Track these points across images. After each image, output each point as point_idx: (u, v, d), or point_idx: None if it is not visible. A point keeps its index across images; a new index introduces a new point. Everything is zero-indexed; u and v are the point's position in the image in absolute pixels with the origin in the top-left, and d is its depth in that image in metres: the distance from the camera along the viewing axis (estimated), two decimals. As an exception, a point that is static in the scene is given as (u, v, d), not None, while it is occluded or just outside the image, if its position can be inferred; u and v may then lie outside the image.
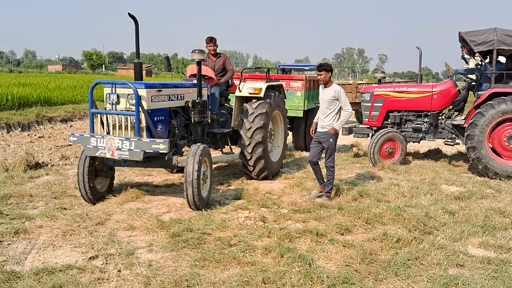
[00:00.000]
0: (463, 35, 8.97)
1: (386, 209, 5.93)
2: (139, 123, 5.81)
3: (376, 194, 6.89)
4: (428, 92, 9.78)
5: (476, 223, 5.63)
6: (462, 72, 10.39)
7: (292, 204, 6.48)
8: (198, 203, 5.88)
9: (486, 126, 8.47)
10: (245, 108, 7.75)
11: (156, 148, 5.63)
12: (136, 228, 5.30)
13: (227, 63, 8.27)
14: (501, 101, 8.41)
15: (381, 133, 9.53)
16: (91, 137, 5.84)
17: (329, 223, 5.53)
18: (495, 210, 6.16)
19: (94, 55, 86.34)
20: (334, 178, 6.74)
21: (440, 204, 6.47)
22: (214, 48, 8.12)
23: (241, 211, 5.93)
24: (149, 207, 6.20)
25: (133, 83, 5.81)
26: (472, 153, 8.58)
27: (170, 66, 7.48)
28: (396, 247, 4.76)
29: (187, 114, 7.02)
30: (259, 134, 7.54)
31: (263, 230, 5.21)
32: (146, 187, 7.35)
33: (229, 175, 8.34)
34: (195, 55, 6.57)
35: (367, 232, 5.31)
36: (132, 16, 6.24)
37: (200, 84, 6.79)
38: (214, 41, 8.08)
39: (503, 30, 8.59)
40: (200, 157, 5.86)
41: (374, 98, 10.14)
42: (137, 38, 6.40)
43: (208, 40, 8.07)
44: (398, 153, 9.62)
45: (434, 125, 9.85)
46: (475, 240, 5.05)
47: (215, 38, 8.14)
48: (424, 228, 5.36)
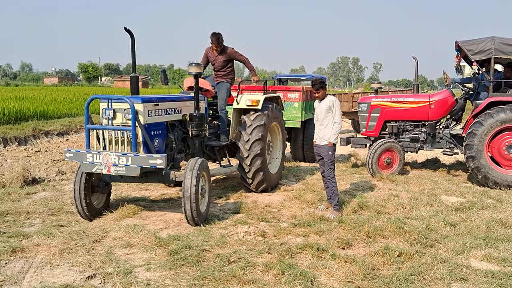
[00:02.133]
0: (459, 44, 8.98)
1: (387, 222, 5.86)
2: (135, 138, 5.74)
3: (376, 206, 6.83)
4: (426, 102, 9.78)
5: (478, 235, 5.56)
6: (459, 81, 10.39)
7: (292, 217, 6.41)
8: (196, 218, 5.79)
9: (485, 135, 8.44)
10: (243, 120, 7.71)
11: (153, 163, 5.56)
12: (133, 246, 5.21)
13: (235, 56, 8.11)
14: (500, 110, 8.39)
15: (379, 144, 9.50)
16: (87, 153, 5.76)
17: (329, 237, 5.46)
18: (496, 221, 6.11)
19: (90, 67, 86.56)
20: (337, 189, 6.70)
21: (440, 215, 6.41)
22: (216, 49, 7.99)
23: (240, 226, 5.85)
24: (147, 223, 6.11)
25: (129, 98, 5.75)
26: (471, 163, 8.54)
27: (166, 80, 7.43)
28: (398, 262, 4.69)
29: (185, 127, 6.95)
30: (258, 146, 7.48)
31: (263, 245, 5.13)
32: (143, 202, 7.27)
33: (228, 188, 8.27)
34: (192, 68, 6.53)
35: (368, 246, 5.23)
36: (128, 30, 6.19)
37: (198, 97, 6.74)
38: (215, 39, 7.85)
39: (500, 38, 8.60)
40: (198, 172, 5.79)
41: (371, 109, 10.13)
42: (133, 52, 6.36)
43: (211, 37, 7.92)
44: (397, 163, 9.58)
45: (432, 135, 9.83)
46: (477, 253, 4.98)
47: (217, 35, 7.86)
48: (425, 241, 5.30)
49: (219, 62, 8.07)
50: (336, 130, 6.57)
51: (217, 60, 8.07)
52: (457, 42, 9.09)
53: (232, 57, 8.10)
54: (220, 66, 8.10)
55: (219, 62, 8.07)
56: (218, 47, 7.93)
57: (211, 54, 8.11)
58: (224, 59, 8.05)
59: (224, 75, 8.13)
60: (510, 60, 8.76)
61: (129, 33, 6.22)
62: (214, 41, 7.87)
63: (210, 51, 8.13)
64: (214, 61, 8.11)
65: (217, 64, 8.11)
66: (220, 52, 8.02)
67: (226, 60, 8.07)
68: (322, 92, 6.60)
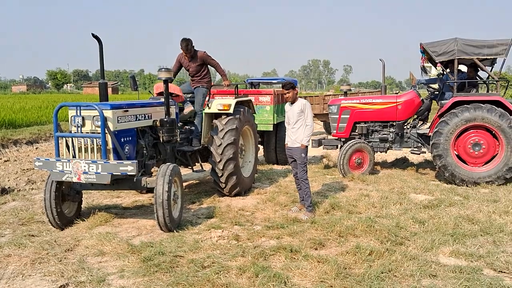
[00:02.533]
0: (424, 46, 9.22)
1: (358, 221, 5.97)
2: (105, 145, 5.68)
3: (347, 206, 6.94)
4: (393, 103, 9.99)
5: (446, 231, 5.72)
6: (425, 82, 10.67)
7: (265, 220, 6.45)
8: (169, 224, 5.77)
9: (450, 134, 8.69)
10: (215, 124, 7.72)
11: (124, 170, 5.52)
12: (106, 254, 5.16)
13: (207, 60, 8.08)
14: (464, 109, 8.65)
15: (350, 144, 9.66)
16: (56, 162, 5.68)
17: (303, 238, 5.53)
18: (463, 217, 6.29)
19: (59, 74, 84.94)
20: (310, 191, 6.78)
21: (409, 213, 6.56)
22: (187, 55, 7.96)
23: (214, 231, 5.85)
24: (119, 231, 6.05)
25: (98, 105, 5.70)
26: (439, 161, 8.77)
27: (136, 85, 7.37)
28: (369, 260, 4.79)
29: (155, 133, 6.92)
30: (230, 150, 7.51)
31: (237, 249, 5.15)
32: (115, 209, 7.19)
33: (201, 193, 8.25)
34: (162, 73, 6.51)
35: (340, 246, 5.32)
36: (96, 36, 6.15)
37: (168, 103, 6.72)
38: (184, 46, 7.82)
39: (463, 39, 8.87)
40: (170, 177, 5.77)
41: (341, 110, 10.29)
42: (101, 58, 6.31)
43: (181, 44, 7.86)
44: (367, 163, 9.76)
45: (400, 134, 10.06)
46: (446, 249, 5.12)
47: (186, 41, 7.79)
48: (395, 239, 5.42)
49: (193, 67, 8.06)
50: (308, 132, 6.66)
51: (190, 66, 8.07)
52: (421, 44, 9.33)
53: (205, 60, 8.09)
54: (194, 71, 8.09)
55: (192, 68, 8.07)
56: (188, 53, 7.93)
57: (184, 60, 8.10)
58: (197, 64, 8.04)
59: (200, 80, 8.12)
60: (472, 60, 9.04)
61: (97, 39, 6.18)
62: (183, 47, 7.86)
63: (182, 57, 8.11)
64: (188, 67, 8.10)
65: (191, 70, 8.10)
66: (191, 57, 8.01)
67: (200, 64, 8.06)
68: (292, 92, 6.69)
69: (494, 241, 5.41)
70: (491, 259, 4.81)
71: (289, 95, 6.69)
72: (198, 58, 8.03)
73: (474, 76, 9.88)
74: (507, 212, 6.50)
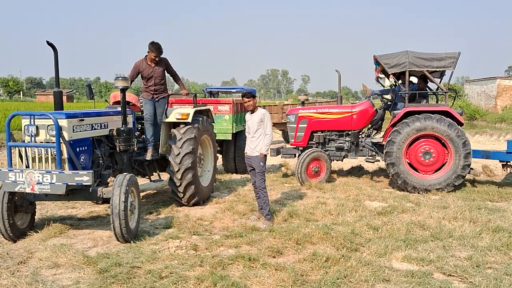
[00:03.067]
0: (377, 58, 9.54)
1: (315, 228, 6.09)
2: (60, 155, 5.57)
3: (305, 214, 7.06)
4: (348, 113, 10.27)
5: (399, 237, 5.92)
6: (378, 92, 11.02)
7: (224, 229, 6.47)
8: (126, 235, 5.69)
9: (402, 143, 9.00)
10: (173, 133, 7.68)
11: (80, 180, 5.41)
12: (61, 266, 5.03)
13: (169, 67, 7.88)
14: (415, 119, 9.00)
15: (307, 153, 9.83)
16: (9, 172, 5.50)
17: (261, 246, 5.58)
18: (415, 223, 6.52)
19: (11, 82, 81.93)
20: (268, 199, 6.85)
21: (364, 220, 6.74)
22: (155, 59, 7.60)
23: (171, 241, 5.82)
24: (74, 242, 5.91)
25: (52, 114, 5.59)
26: (392, 169, 9.07)
27: (92, 94, 7.25)
28: (325, 267, 4.89)
29: (112, 142, 6.82)
30: (188, 159, 7.49)
31: (195, 259, 5.14)
32: (70, 220, 7.02)
33: (159, 203, 8.17)
34: (119, 82, 6.45)
35: (297, 253, 5.40)
36: (51, 44, 6.05)
37: (125, 112, 6.65)
38: (156, 49, 7.49)
39: (413, 52, 9.25)
40: (126, 187, 5.70)
41: (299, 120, 10.47)
42: (56, 66, 6.20)
43: (151, 47, 7.50)
44: (324, 172, 9.96)
45: (355, 143, 10.33)
46: (398, 254, 5.30)
47: (157, 44, 7.49)
48: (351, 246, 5.56)
49: (158, 73, 7.69)
50: (268, 141, 6.76)
51: (155, 72, 7.65)
52: (375, 56, 9.65)
53: (167, 67, 7.84)
54: (159, 77, 7.71)
55: (157, 73, 7.68)
56: (157, 57, 7.58)
57: (145, 66, 7.64)
58: (162, 69, 7.73)
59: (164, 88, 7.82)
60: (423, 72, 9.44)
61: (52, 46, 6.08)
62: (154, 50, 7.47)
63: (143, 63, 7.66)
64: (151, 73, 7.64)
65: (155, 76, 7.67)
66: (157, 62, 7.69)
67: (164, 70, 7.77)
68: (253, 101, 6.81)
69: (443, 246, 5.64)
70: (441, 263, 5.02)
71: (250, 103, 6.79)
72: (164, 64, 7.77)
73: (425, 87, 10.30)
74: (456, 218, 6.79)
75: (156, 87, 7.74)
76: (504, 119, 31.09)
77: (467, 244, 5.68)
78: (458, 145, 8.85)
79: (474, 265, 4.97)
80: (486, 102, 40.30)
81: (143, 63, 7.68)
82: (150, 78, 7.69)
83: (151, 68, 7.66)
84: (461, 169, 8.86)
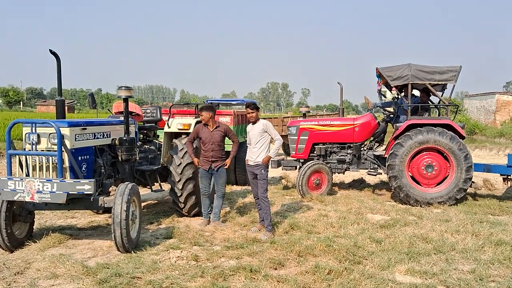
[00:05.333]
0: (380, 70, 9.56)
1: (317, 241, 6.03)
2: (61, 163, 5.54)
3: (306, 226, 7.01)
4: (350, 125, 10.26)
5: (402, 250, 5.86)
6: (381, 105, 11.02)
7: (225, 240, 6.41)
8: (127, 245, 5.63)
9: (405, 156, 8.97)
10: (175, 144, 7.66)
11: (81, 189, 5.37)
12: (59, 276, 4.96)
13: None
14: (418, 132, 8.99)
15: (308, 165, 9.79)
16: (8, 180, 5.46)
17: (262, 258, 5.52)
18: (418, 236, 6.47)
19: (11, 92, 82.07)
20: (270, 210, 6.81)
21: (367, 233, 6.69)
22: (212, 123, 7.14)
23: (172, 251, 5.76)
24: (73, 252, 5.85)
25: (55, 122, 5.57)
26: (394, 182, 9.02)
27: (94, 103, 7.24)
28: (328, 279, 4.83)
29: (114, 152, 6.80)
30: (190, 170, 7.45)
31: (196, 269, 5.08)
32: (69, 230, 6.95)
33: (159, 213, 8.12)
34: (122, 92, 6.44)
35: (299, 265, 5.35)
36: (54, 52, 6.05)
37: (128, 121, 6.64)
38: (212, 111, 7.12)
39: (416, 65, 9.27)
40: (128, 197, 5.66)
41: (300, 132, 10.46)
42: (59, 75, 6.20)
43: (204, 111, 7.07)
44: (325, 184, 9.91)
45: (357, 156, 10.30)
46: (402, 267, 5.24)
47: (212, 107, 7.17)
48: (353, 258, 5.50)
49: (216, 137, 7.14)
50: (277, 146, 6.87)
51: (213, 136, 7.12)
52: (377, 68, 9.67)
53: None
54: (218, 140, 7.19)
55: (215, 138, 7.13)
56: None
57: (204, 130, 7.14)
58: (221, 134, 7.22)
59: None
60: (425, 85, 9.45)
61: (55, 55, 6.08)
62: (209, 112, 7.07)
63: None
64: (211, 136, 7.11)
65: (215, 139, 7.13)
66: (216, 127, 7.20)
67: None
68: (256, 113, 6.84)
69: (446, 259, 5.59)
70: (444, 277, 4.96)
71: (253, 114, 6.81)
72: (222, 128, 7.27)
73: (427, 100, 10.31)
74: (458, 231, 6.74)
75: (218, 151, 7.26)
76: (503, 133, 31.08)
77: (470, 257, 5.63)
78: (460, 158, 8.82)
79: (477, 279, 4.92)
80: (486, 116, 40.36)
81: (202, 127, 7.24)
82: (210, 140, 7.17)
83: (209, 131, 7.15)
84: (462, 182, 8.83)
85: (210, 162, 7.11)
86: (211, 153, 7.08)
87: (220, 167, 7.18)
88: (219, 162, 7.15)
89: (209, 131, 7.11)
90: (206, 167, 7.14)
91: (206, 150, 7.12)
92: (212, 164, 7.11)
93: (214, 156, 7.10)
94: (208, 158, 7.11)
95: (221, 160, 7.17)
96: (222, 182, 7.26)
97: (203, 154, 7.16)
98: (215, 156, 7.10)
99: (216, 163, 7.13)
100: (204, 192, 7.28)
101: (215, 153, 7.10)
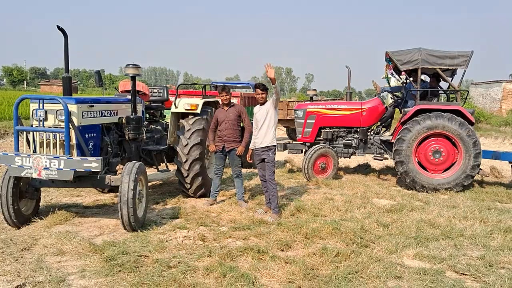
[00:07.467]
0: (390, 54, 9.43)
1: (324, 224, 6.00)
2: (69, 140, 5.48)
3: (312, 209, 6.97)
4: (358, 109, 10.17)
5: (409, 235, 5.83)
6: (389, 90, 10.91)
7: (231, 221, 6.38)
8: (133, 223, 5.61)
9: (412, 141, 8.90)
10: (182, 124, 7.60)
11: (88, 167, 5.33)
12: (66, 253, 4.96)
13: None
14: (426, 117, 8.89)
15: (314, 149, 9.74)
16: (15, 156, 5.42)
17: (269, 239, 5.50)
18: (425, 221, 6.43)
19: (15, 71, 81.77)
20: (277, 192, 6.77)
21: (373, 217, 6.65)
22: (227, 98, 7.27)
23: (179, 231, 5.74)
24: (80, 230, 5.84)
25: (62, 98, 5.51)
26: (400, 167, 8.96)
27: (101, 81, 7.13)
28: (336, 261, 4.81)
29: (121, 130, 6.75)
30: (196, 150, 7.40)
31: (203, 249, 5.07)
32: (75, 208, 6.94)
33: (165, 194, 8.10)
34: (129, 69, 6.36)
35: (306, 247, 5.32)
36: (62, 29, 5.96)
37: (135, 100, 6.57)
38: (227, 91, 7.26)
39: (426, 50, 9.13)
40: (135, 175, 5.62)
41: (307, 115, 10.38)
42: (66, 52, 6.10)
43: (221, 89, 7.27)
44: (331, 168, 9.86)
45: (364, 140, 10.23)
46: (410, 251, 5.21)
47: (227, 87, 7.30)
48: (361, 241, 5.47)
49: (231, 115, 7.25)
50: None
51: (227, 115, 7.23)
52: (387, 52, 9.54)
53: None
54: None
55: (229, 117, 7.23)
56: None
57: (220, 111, 7.29)
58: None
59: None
60: (435, 70, 9.32)
61: (62, 31, 5.99)
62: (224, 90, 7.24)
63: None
64: (225, 116, 7.23)
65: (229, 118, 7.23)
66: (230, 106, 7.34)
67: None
68: (265, 94, 6.79)
69: (455, 244, 5.55)
70: (453, 262, 4.92)
71: (263, 95, 6.74)
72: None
73: (436, 85, 10.19)
74: (466, 218, 6.70)
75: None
76: (509, 122, 30.79)
77: (479, 243, 5.59)
78: (469, 145, 8.74)
79: (486, 265, 4.88)
80: (491, 105, 40.06)
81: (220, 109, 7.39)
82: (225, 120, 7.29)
83: (224, 111, 7.28)
84: (470, 169, 8.77)
85: (223, 142, 7.15)
86: (224, 131, 7.14)
87: (232, 149, 7.16)
88: (231, 144, 7.16)
89: (224, 111, 7.19)
90: (220, 147, 7.16)
91: (220, 130, 7.20)
92: (225, 144, 7.11)
93: (228, 136, 7.13)
94: (221, 138, 7.17)
95: (234, 143, 7.18)
96: (236, 164, 7.33)
97: (217, 134, 7.24)
98: (228, 136, 7.13)
99: (228, 144, 7.14)
100: (216, 172, 7.36)
101: (229, 132, 7.13)
